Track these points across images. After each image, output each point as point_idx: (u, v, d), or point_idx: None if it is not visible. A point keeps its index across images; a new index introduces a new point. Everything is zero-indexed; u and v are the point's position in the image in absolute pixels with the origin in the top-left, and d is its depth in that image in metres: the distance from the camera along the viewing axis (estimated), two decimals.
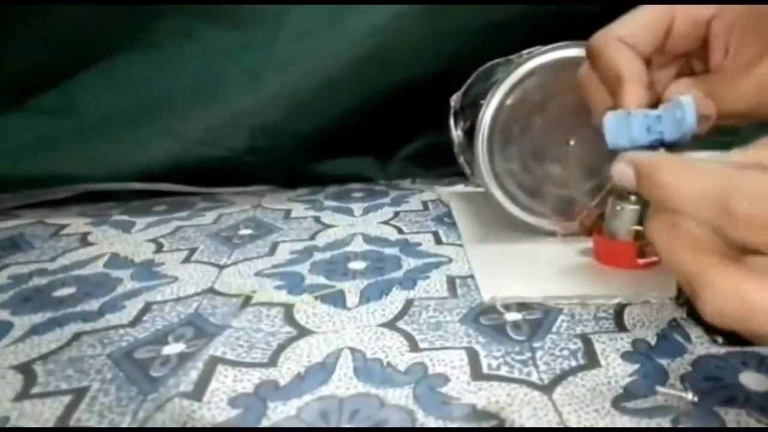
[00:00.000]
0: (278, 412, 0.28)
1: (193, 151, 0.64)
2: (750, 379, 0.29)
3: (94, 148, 0.64)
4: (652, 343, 0.33)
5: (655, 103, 0.30)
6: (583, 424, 0.27)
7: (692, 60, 0.35)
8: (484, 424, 0.27)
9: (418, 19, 0.63)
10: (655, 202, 0.23)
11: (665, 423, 0.26)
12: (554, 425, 0.27)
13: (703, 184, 0.21)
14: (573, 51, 0.45)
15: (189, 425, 0.28)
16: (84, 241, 0.54)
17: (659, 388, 0.28)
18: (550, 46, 0.46)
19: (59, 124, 0.64)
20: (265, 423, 0.28)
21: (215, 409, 0.29)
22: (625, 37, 0.31)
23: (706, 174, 0.21)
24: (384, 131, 0.69)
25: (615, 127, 0.28)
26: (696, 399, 0.27)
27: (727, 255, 0.21)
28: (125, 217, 0.61)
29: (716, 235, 0.21)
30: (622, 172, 0.24)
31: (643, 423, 0.26)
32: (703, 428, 0.26)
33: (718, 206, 0.21)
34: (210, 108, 0.64)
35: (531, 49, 0.47)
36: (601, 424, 0.26)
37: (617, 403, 0.28)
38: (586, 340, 0.33)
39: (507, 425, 0.27)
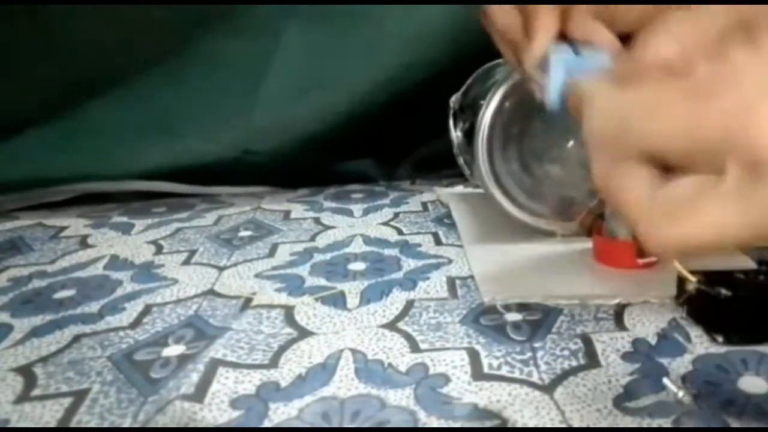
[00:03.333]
0: (280, 413, 0.28)
1: (194, 151, 0.64)
2: (750, 379, 0.29)
3: (94, 149, 0.64)
4: (653, 342, 0.33)
5: None
6: (586, 423, 0.27)
7: None
8: (487, 424, 0.27)
9: (419, 21, 0.63)
10: None
11: (666, 423, 0.26)
12: (557, 425, 0.27)
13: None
14: None
15: (191, 427, 0.28)
16: (84, 243, 0.54)
17: (666, 380, 0.28)
18: None
19: (60, 127, 0.64)
20: (266, 424, 0.28)
21: (216, 411, 0.29)
22: None
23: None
24: (387, 135, 0.69)
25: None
26: (687, 399, 0.27)
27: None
28: (125, 219, 0.61)
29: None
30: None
31: (645, 423, 0.26)
32: (703, 428, 0.26)
33: None
34: (211, 109, 0.65)
35: None
36: (604, 424, 0.27)
37: (619, 402, 0.28)
38: (586, 340, 0.33)
39: (509, 425, 0.27)
